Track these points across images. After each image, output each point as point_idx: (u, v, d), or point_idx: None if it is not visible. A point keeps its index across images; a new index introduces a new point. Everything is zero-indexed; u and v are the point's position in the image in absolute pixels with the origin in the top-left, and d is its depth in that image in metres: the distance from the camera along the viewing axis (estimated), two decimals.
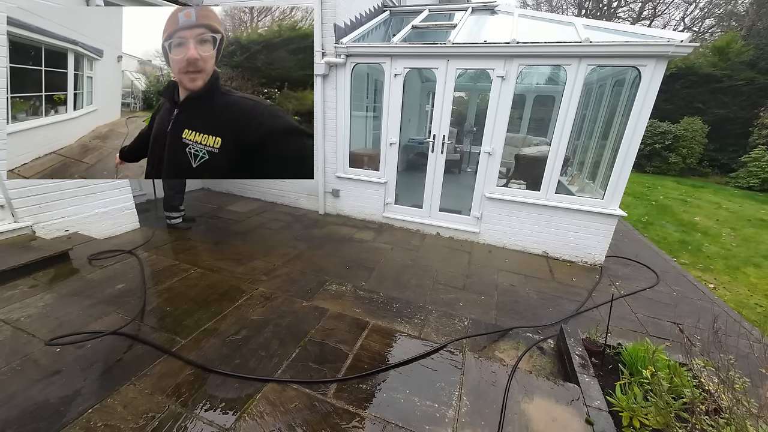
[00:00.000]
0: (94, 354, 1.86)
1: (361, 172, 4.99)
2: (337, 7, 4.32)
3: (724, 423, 1.40)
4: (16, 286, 2.42)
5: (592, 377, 1.89)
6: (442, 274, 3.61)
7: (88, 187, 3.40)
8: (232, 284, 2.72)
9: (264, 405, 1.62)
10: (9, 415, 1.46)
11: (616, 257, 4.32)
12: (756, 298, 3.83)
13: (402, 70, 4.27)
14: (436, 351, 2.06)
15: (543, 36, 3.84)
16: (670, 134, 10.98)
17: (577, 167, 5.57)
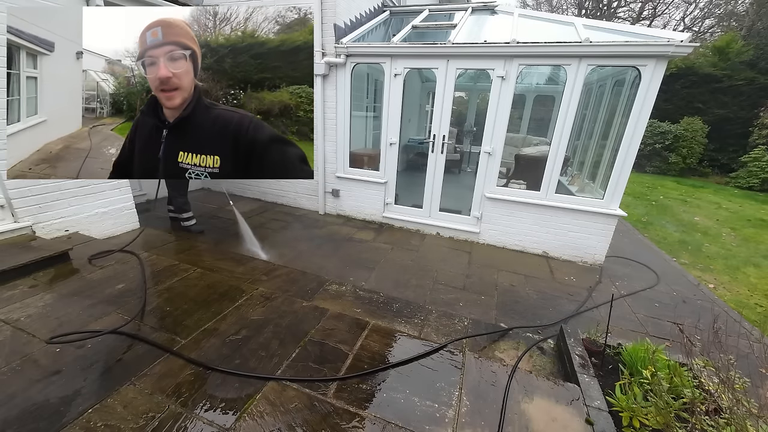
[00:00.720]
0: (94, 354, 1.86)
1: (361, 172, 4.99)
2: (337, 7, 4.32)
3: (724, 423, 1.40)
4: (16, 286, 2.42)
5: (592, 377, 1.89)
6: (442, 274, 3.61)
7: (88, 187, 3.40)
8: (232, 284, 2.72)
9: (264, 405, 1.61)
10: (9, 415, 1.46)
11: (616, 257, 4.32)
12: (756, 298, 3.83)
13: (402, 70, 4.27)
14: (436, 351, 2.06)
15: (543, 36, 3.84)
16: (670, 134, 10.98)
17: (577, 167, 5.57)
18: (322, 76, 4.58)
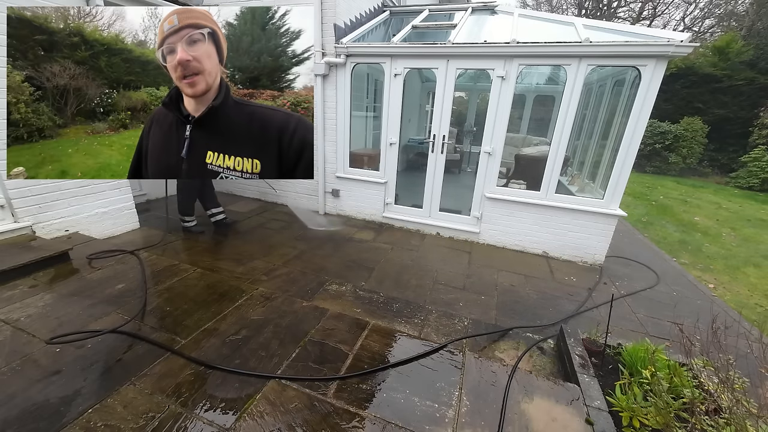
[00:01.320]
0: (94, 354, 1.86)
1: (361, 172, 4.99)
2: (337, 7, 4.32)
3: (724, 423, 1.40)
4: (16, 286, 2.42)
5: (592, 377, 1.89)
6: (442, 274, 3.61)
7: (88, 187, 3.40)
8: (232, 284, 2.72)
9: (264, 405, 1.62)
10: (9, 415, 1.46)
11: (616, 257, 4.32)
12: (756, 298, 3.83)
13: (402, 70, 4.27)
14: (436, 351, 2.06)
15: (543, 36, 3.84)
16: (670, 134, 10.99)
17: (577, 167, 5.57)
18: (322, 76, 4.58)
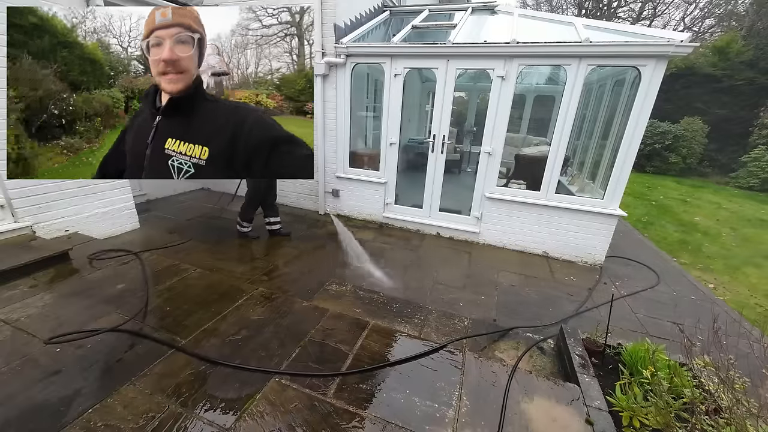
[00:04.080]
0: (94, 354, 1.86)
1: (361, 172, 4.99)
2: (337, 7, 4.32)
3: (724, 423, 1.40)
4: (16, 286, 2.42)
5: (592, 377, 1.89)
6: (442, 274, 3.61)
7: (88, 187, 3.40)
8: (232, 284, 2.72)
9: (264, 405, 1.62)
10: (9, 415, 1.46)
11: (616, 257, 4.32)
12: (756, 298, 3.83)
13: (402, 70, 4.27)
14: (436, 351, 2.06)
15: (543, 36, 3.84)
16: (670, 134, 10.98)
17: (577, 167, 5.57)
18: (322, 76, 4.58)
